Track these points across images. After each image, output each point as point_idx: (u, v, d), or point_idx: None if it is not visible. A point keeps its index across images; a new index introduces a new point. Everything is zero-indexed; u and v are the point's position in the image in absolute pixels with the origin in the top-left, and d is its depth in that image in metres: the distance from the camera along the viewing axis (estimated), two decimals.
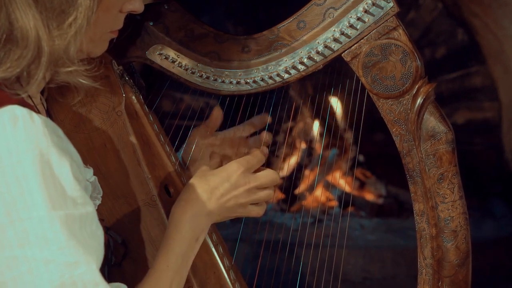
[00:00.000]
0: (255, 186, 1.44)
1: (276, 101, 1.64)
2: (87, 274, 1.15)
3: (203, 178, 1.42)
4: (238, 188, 1.43)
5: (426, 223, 1.48)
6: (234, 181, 1.42)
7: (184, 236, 1.38)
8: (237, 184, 1.42)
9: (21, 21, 1.19)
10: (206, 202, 1.40)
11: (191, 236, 1.39)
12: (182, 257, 1.37)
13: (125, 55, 1.57)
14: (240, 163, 1.43)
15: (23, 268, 1.14)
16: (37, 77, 1.23)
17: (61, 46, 1.22)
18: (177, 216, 1.40)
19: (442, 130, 1.45)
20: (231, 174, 1.43)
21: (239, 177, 1.43)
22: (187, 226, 1.39)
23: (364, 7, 1.44)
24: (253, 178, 1.44)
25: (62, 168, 1.18)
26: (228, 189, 1.42)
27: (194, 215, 1.39)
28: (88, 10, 1.23)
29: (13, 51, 1.20)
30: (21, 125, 1.16)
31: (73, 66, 1.26)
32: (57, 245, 1.14)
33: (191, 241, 1.39)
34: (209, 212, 1.41)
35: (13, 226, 1.14)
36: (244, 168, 1.43)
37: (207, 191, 1.41)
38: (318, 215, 4.02)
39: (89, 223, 1.20)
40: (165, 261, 1.36)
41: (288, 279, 1.96)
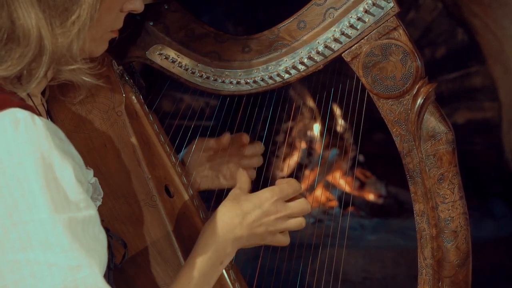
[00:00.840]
0: (286, 215, 1.43)
1: (276, 101, 1.64)
2: (90, 277, 1.15)
3: (236, 202, 1.41)
4: (270, 216, 1.41)
5: (426, 223, 1.48)
6: (266, 208, 1.41)
7: (210, 257, 1.37)
8: (268, 212, 1.41)
9: (23, 20, 1.19)
10: (236, 227, 1.39)
11: (216, 258, 1.38)
12: (205, 277, 1.36)
13: (125, 55, 1.57)
14: (274, 191, 1.42)
15: (25, 271, 1.13)
16: (38, 75, 1.23)
17: (64, 44, 1.22)
18: (206, 237, 1.39)
19: (443, 130, 1.45)
20: (264, 201, 1.41)
21: (272, 205, 1.41)
22: (214, 248, 1.38)
23: (365, 7, 1.44)
24: (285, 207, 1.43)
25: (64, 171, 1.18)
26: (259, 216, 1.41)
27: (223, 239, 1.39)
28: (92, 8, 1.23)
29: (14, 50, 1.20)
30: (22, 127, 1.16)
31: (76, 64, 1.25)
32: (60, 248, 1.14)
33: (215, 263, 1.38)
34: (239, 237, 1.40)
35: (15, 229, 1.14)
36: (278, 197, 1.42)
37: (239, 215, 1.40)
38: (318, 215, 4.02)
39: (91, 226, 1.20)
40: (188, 277, 1.35)
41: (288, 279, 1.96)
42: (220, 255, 1.38)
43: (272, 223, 1.42)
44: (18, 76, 1.23)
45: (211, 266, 1.37)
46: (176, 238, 1.49)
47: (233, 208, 1.40)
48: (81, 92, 1.48)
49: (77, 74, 1.27)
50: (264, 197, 1.41)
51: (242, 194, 1.43)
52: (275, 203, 1.42)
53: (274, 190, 1.42)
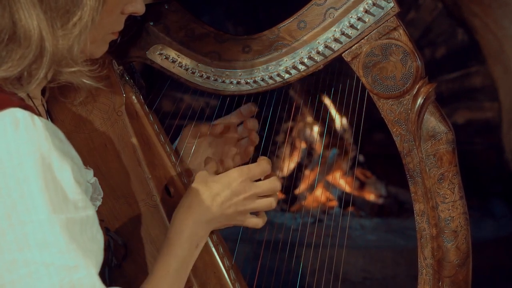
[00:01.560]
0: (255, 193, 1.43)
1: (276, 101, 1.64)
2: (87, 278, 1.15)
3: (205, 184, 1.42)
4: (238, 195, 1.42)
5: (426, 223, 1.48)
6: (234, 188, 1.42)
7: (184, 242, 1.38)
8: (237, 191, 1.42)
9: (24, 21, 1.19)
10: (207, 209, 1.40)
11: (191, 243, 1.39)
12: (182, 263, 1.37)
13: (126, 55, 1.57)
14: (242, 170, 1.43)
15: (22, 271, 1.13)
16: (38, 76, 1.22)
17: (65, 46, 1.22)
18: (178, 222, 1.40)
19: (443, 130, 1.45)
20: (232, 181, 1.42)
21: (239, 185, 1.42)
22: (187, 232, 1.39)
23: (365, 7, 1.44)
24: (253, 186, 1.43)
25: (63, 171, 1.18)
26: (229, 196, 1.42)
27: (195, 222, 1.40)
28: (93, 11, 1.23)
29: (15, 51, 1.20)
30: (22, 128, 1.16)
31: (76, 66, 1.25)
32: (57, 249, 1.14)
33: (191, 247, 1.39)
34: (210, 219, 1.41)
35: (13, 229, 1.14)
36: (246, 176, 1.43)
37: (209, 197, 1.41)
38: (318, 215, 4.02)
39: (89, 227, 1.20)
40: (165, 266, 1.36)
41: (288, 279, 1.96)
42: (194, 239, 1.39)
43: (241, 203, 1.42)
44: (18, 77, 1.23)
45: (187, 251, 1.38)
46: None
47: (202, 190, 1.41)
48: (81, 93, 1.48)
49: (77, 76, 1.27)
50: (232, 177, 1.42)
51: (209, 175, 1.43)
52: (242, 182, 1.42)
53: (242, 169, 1.43)
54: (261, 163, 1.45)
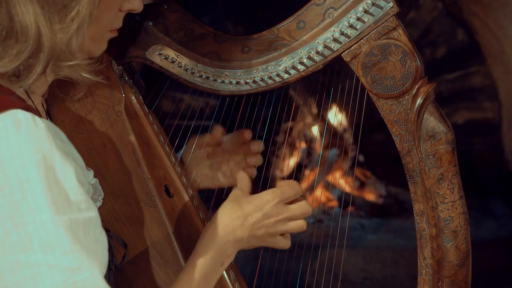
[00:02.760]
0: (287, 217, 1.43)
1: (276, 101, 1.64)
2: (90, 279, 1.15)
3: (237, 204, 1.41)
4: (270, 218, 1.41)
5: (426, 223, 1.48)
6: (267, 210, 1.41)
7: (210, 258, 1.38)
8: (269, 214, 1.41)
9: (21, 16, 1.19)
10: (237, 229, 1.40)
11: (217, 260, 1.38)
12: (205, 278, 1.37)
13: (125, 55, 1.57)
14: (275, 193, 1.42)
15: (26, 272, 1.13)
16: (35, 71, 1.22)
17: (63, 40, 1.22)
18: (207, 238, 1.39)
19: (442, 130, 1.45)
20: (265, 203, 1.41)
21: (272, 207, 1.41)
22: (214, 249, 1.38)
23: (364, 7, 1.44)
24: (285, 210, 1.43)
25: (66, 172, 1.18)
26: (260, 218, 1.41)
27: (223, 241, 1.39)
28: (90, 5, 1.23)
29: (12, 46, 1.20)
30: (24, 129, 1.16)
31: (75, 60, 1.25)
32: (61, 250, 1.14)
33: (216, 265, 1.38)
34: (239, 239, 1.40)
35: (16, 230, 1.13)
36: (279, 199, 1.42)
37: (240, 217, 1.40)
38: (318, 215, 4.01)
39: (92, 228, 1.20)
40: (189, 278, 1.36)
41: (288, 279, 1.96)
42: (221, 256, 1.38)
43: (273, 225, 1.42)
44: (16, 72, 1.23)
45: (212, 267, 1.38)
46: (176, 238, 1.49)
47: (234, 210, 1.40)
48: (80, 89, 1.47)
49: (75, 71, 1.27)
50: (265, 199, 1.41)
51: (243, 196, 1.43)
52: (276, 205, 1.41)
53: (276, 192, 1.42)
54: (293, 186, 1.44)
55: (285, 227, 1.43)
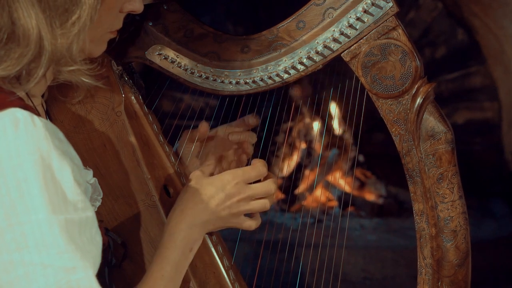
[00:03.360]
0: (249, 196, 1.44)
1: (276, 101, 1.64)
2: (84, 280, 1.15)
3: (199, 186, 1.42)
4: (232, 198, 1.42)
5: (425, 223, 1.48)
6: (228, 191, 1.42)
7: (178, 245, 1.39)
8: (231, 194, 1.42)
9: (23, 20, 1.19)
10: (201, 212, 1.41)
11: (185, 246, 1.39)
12: (176, 266, 1.38)
13: (125, 55, 1.57)
14: (236, 173, 1.44)
15: (20, 272, 1.13)
16: (37, 75, 1.23)
17: (64, 44, 1.22)
18: (172, 225, 1.40)
19: (442, 130, 1.45)
20: (226, 183, 1.42)
21: (233, 187, 1.43)
22: (181, 235, 1.39)
23: (364, 7, 1.44)
24: (247, 189, 1.44)
25: (63, 172, 1.18)
26: (223, 200, 1.42)
27: (189, 225, 1.40)
28: (92, 9, 1.23)
29: (14, 50, 1.20)
30: (22, 128, 1.16)
31: (75, 65, 1.26)
32: (56, 250, 1.14)
33: (185, 251, 1.39)
34: (204, 222, 1.41)
35: (11, 229, 1.13)
36: (240, 179, 1.43)
37: (203, 200, 1.41)
38: (318, 215, 4.01)
39: (88, 228, 1.20)
40: (159, 270, 1.36)
41: (288, 279, 1.96)
42: (189, 242, 1.39)
43: (235, 205, 1.43)
44: (17, 75, 1.23)
45: (182, 254, 1.39)
46: None
47: (197, 193, 1.41)
48: (80, 92, 1.48)
49: (76, 75, 1.28)
50: (226, 180, 1.42)
51: (203, 177, 1.43)
52: (236, 185, 1.42)
53: (236, 172, 1.44)
54: (256, 165, 1.45)
55: (248, 206, 1.44)
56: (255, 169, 1.45)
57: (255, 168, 1.45)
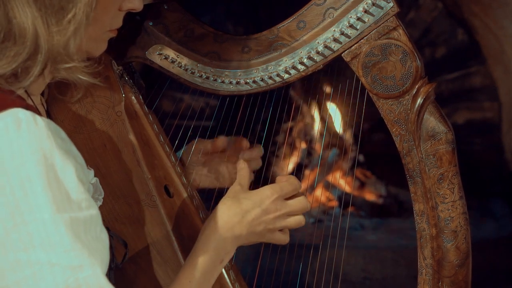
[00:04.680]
0: (286, 213, 1.43)
1: (276, 101, 1.64)
2: (92, 277, 1.15)
3: (237, 200, 1.41)
4: (269, 214, 1.41)
5: (426, 223, 1.48)
6: (265, 206, 1.41)
7: (210, 255, 1.37)
8: (268, 210, 1.41)
9: (19, 18, 1.19)
10: (236, 226, 1.39)
11: (216, 257, 1.38)
12: (205, 276, 1.37)
13: (125, 55, 1.57)
14: (274, 189, 1.42)
15: (27, 271, 1.13)
16: (33, 73, 1.23)
17: (60, 42, 1.22)
18: (206, 235, 1.39)
19: (442, 130, 1.45)
20: (264, 199, 1.41)
21: (271, 203, 1.41)
22: (214, 246, 1.38)
23: (364, 7, 1.44)
24: (284, 205, 1.42)
25: (66, 170, 1.18)
26: (259, 215, 1.41)
27: (223, 238, 1.39)
28: (87, 7, 1.23)
29: (10, 48, 1.21)
30: (24, 127, 1.16)
31: (72, 62, 1.25)
32: (62, 248, 1.14)
33: (215, 262, 1.38)
34: (238, 235, 1.40)
35: (17, 229, 1.13)
36: (277, 195, 1.42)
37: (239, 214, 1.40)
38: (318, 215, 4.01)
39: (93, 226, 1.20)
40: (188, 276, 1.35)
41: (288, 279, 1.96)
42: (220, 253, 1.39)
43: (272, 221, 1.42)
44: (14, 73, 1.23)
45: (211, 264, 1.38)
46: (176, 238, 1.49)
47: (233, 206, 1.40)
48: (79, 91, 1.48)
49: (73, 73, 1.27)
50: (264, 195, 1.41)
51: (241, 191, 1.43)
52: (275, 201, 1.41)
53: (274, 188, 1.42)
54: (292, 181, 1.44)
55: (284, 222, 1.43)
56: (292, 185, 1.43)
57: (292, 184, 1.44)
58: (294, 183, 1.44)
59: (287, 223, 1.43)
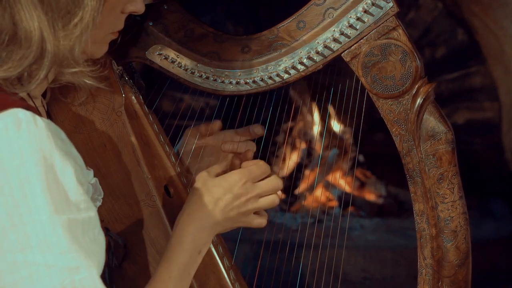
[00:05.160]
0: (257, 194, 1.43)
1: (276, 101, 1.64)
2: (88, 279, 1.15)
3: (206, 188, 1.41)
4: (240, 198, 1.42)
5: (426, 223, 1.48)
6: (236, 191, 1.42)
7: (187, 248, 1.38)
8: (239, 194, 1.42)
9: (25, 22, 1.19)
10: (209, 214, 1.40)
11: (193, 249, 1.38)
12: (184, 269, 1.37)
13: (125, 55, 1.57)
14: (242, 173, 1.43)
15: (23, 272, 1.13)
16: (38, 77, 1.23)
17: (66, 46, 1.22)
18: (180, 228, 1.39)
19: (442, 130, 1.45)
20: (233, 184, 1.42)
21: (241, 187, 1.42)
22: (189, 238, 1.38)
23: (364, 7, 1.44)
24: (254, 187, 1.43)
25: (66, 172, 1.18)
26: (231, 200, 1.41)
27: (198, 228, 1.39)
28: (94, 11, 1.23)
29: (16, 52, 1.20)
30: (24, 128, 1.16)
31: (78, 66, 1.25)
32: (59, 250, 1.14)
33: (193, 253, 1.38)
34: (213, 224, 1.40)
35: (15, 230, 1.13)
36: (246, 179, 1.42)
37: (211, 202, 1.40)
38: (318, 215, 4.01)
39: (91, 228, 1.20)
40: (167, 271, 1.36)
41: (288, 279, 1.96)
42: (197, 244, 1.39)
43: (243, 205, 1.42)
44: (19, 77, 1.23)
45: (190, 256, 1.38)
46: None
47: (204, 195, 1.40)
48: (82, 94, 1.48)
49: (79, 77, 1.28)
50: (233, 180, 1.42)
51: (209, 179, 1.43)
52: (244, 185, 1.42)
53: (243, 172, 1.43)
54: (260, 164, 1.45)
55: (256, 204, 1.44)
56: (260, 168, 1.44)
57: (260, 167, 1.45)
58: (263, 166, 1.45)
59: (259, 204, 1.44)
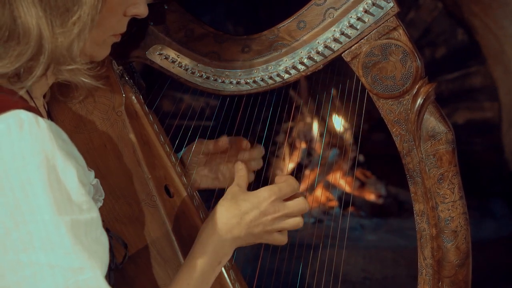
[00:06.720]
0: (284, 214, 1.42)
1: (276, 101, 1.64)
2: (92, 279, 1.15)
3: (234, 202, 1.41)
4: (267, 215, 1.41)
5: (426, 223, 1.48)
6: (263, 208, 1.40)
7: (208, 257, 1.37)
8: (266, 211, 1.41)
9: (24, 18, 1.20)
10: (234, 228, 1.39)
11: (214, 259, 1.38)
12: (203, 278, 1.37)
13: (125, 55, 1.57)
14: (272, 190, 1.42)
15: (27, 272, 1.13)
16: (35, 74, 1.23)
17: (64, 44, 1.22)
18: (204, 237, 1.39)
19: (442, 130, 1.45)
20: (262, 200, 1.41)
21: (269, 205, 1.41)
22: (212, 248, 1.38)
23: (364, 7, 1.44)
24: (283, 207, 1.42)
25: (68, 172, 1.18)
26: (257, 216, 1.40)
27: (221, 239, 1.39)
28: (93, 9, 1.23)
29: (13, 48, 1.21)
30: (26, 129, 1.16)
31: (75, 64, 1.26)
32: (63, 250, 1.14)
33: (213, 264, 1.38)
34: (236, 237, 1.40)
35: (17, 230, 1.14)
36: (276, 197, 1.41)
37: (237, 216, 1.39)
38: (318, 215, 4.02)
39: (94, 229, 1.20)
40: (187, 278, 1.35)
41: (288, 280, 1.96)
42: (219, 255, 1.39)
43: (270, 223, 1.42)
44: (16, 73, 1.23)
45: (210, 266, 1.38)
46: (176, 238, 1.49)
47: (231, 208, 1.40)
48: (80, 93, 1.48)
49: (76, 75, 1.28)
50: (262, 197, 1.41)
51: (240, 193, 1.42)
52: (273, 203, 1.41)
53: (273, 189, 1.42)
54: (290, 182, 1.43)
55: (282, 224, 1.43)
56: (290, 186, 1.43)
57: (290, 185, 1.43)
58: (293, 184, 1.43)
59: (285, 225, 1.43)
